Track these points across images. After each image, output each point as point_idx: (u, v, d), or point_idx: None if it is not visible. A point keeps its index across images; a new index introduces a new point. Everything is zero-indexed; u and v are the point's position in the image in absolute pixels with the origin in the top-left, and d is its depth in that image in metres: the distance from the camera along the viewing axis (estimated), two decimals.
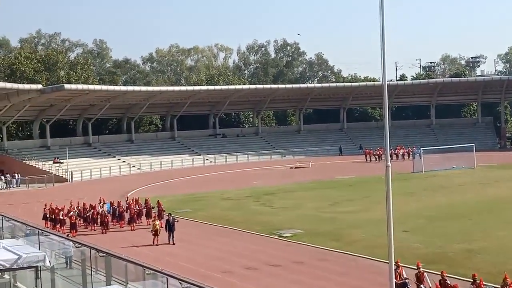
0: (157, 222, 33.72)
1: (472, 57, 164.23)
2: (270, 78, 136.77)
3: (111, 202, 40.94)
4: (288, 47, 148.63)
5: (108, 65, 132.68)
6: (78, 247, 24.52)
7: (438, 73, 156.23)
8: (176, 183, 64.91)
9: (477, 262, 26.12)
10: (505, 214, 37.02)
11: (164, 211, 38.63)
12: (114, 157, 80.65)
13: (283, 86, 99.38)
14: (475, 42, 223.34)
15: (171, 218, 33.68)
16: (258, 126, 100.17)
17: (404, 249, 28.19)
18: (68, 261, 21.47)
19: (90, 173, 72.39)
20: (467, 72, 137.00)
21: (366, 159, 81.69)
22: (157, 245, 32.67)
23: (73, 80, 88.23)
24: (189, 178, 68.99)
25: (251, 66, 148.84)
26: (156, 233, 33.11)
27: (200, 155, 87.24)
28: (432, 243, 29.87)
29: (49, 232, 28.20)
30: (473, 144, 70.70)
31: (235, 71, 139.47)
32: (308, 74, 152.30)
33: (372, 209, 40.32)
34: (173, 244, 32.76)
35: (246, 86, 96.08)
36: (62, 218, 38.17)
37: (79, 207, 40.17)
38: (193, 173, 73.08)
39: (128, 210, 39.19)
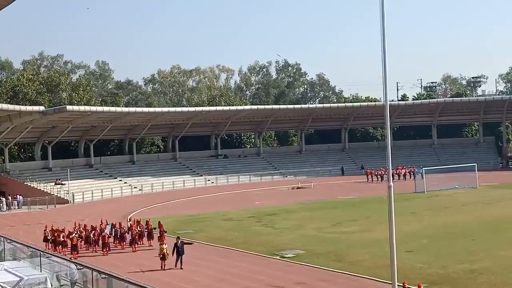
0: (165, 246, 32.25)
1: (473, 77, 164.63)
2: (272, 98, 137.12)
3: (112, 223, 40.82)
4: (290, 68, 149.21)
5: (110, 87, 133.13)
6: (80, 268, 24.48)
7: (439, 93, 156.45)
8: (178, 204, 64.79)
9: (481, 282, 25.99)
10: (508, 234, 36.86)
11: (166, 232, 38.51)
12: (116, 178, 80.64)
13: (284, 106, 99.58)
14: (476, 62, 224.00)
15: (179, 241, 32.45)
16: (259, 147, 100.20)
17: (407, 270, 28.05)
18: (72, 283, 21.37)
19: (91, 194, 72.35)
20: (468, 92, 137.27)
21: (368, 179, 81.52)
22: (164, 269, 31.46)
23: (75, 102, 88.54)
24: (190, 199, 68.90)
25: (253, 87, 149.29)
26: (164, 257, 31.83)
27: (201, 176, 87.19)
28: (435, 263, 29.72)
29: (51, 254, 28.20)
30: (475, 164, 70.63)
31: (237, 91, 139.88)
32: (309, 94, 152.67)
33: (374, 229, 40.20)
34: (181, 268, 31.52)
35: (248, 107, 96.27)
36: (63, 239, 38.05)
37: (81, 229, 40.04)
38: (194, 194, 72.98)
39: (130, 232, 39.07)
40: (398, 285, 21.71)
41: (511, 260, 29.41)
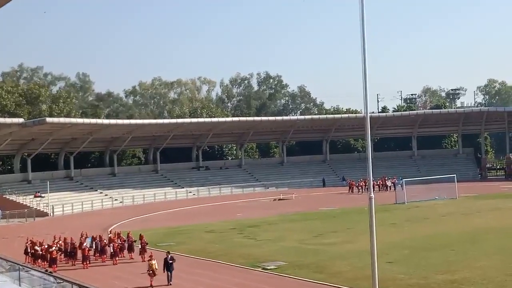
0: (154, 262, 30.99)
1: (452, 89, 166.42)
2: (253, 110, 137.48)
3: (93, 236, 40.53)
4: (271, 80, 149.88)
5: (91, 99, 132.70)
6: (59, 282, 24.29)
7: (419, 105, 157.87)
8: (159, 216, 64.50)
9: None
10: (488, 244, 37.12)
11: (147, 244, 38.38)
12: (96, 190, 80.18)
13: (266, 118, 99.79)
14: (455, 74, 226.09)
15: (169, 256, 31.19)
16: (241, 158, 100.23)
17: (388, 280, 28.17)
18: None
19: (71, 207, 71.86)
20: (448, 104, 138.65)
21: (349, 191, 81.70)
22: (152, 286, 30.46)
23: (55, 114, 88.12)
24: (172, 211, 68.64)
25: (234, 99, 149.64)
26: (153, 273, 30.59)
27: (183, 187, 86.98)
28: (416, 274, 29.85)
29: (30, 268, 27.96)
30: (455, 175, 71.14)
31: (218, 103, 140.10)
32: (291, 106, 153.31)
33: (356, 241, 40.30)
34: (170, 284, 30.61)
35: (229, 119, 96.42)
36: (42, 253, 37.72)
37: (60, 242, 39.70)
38: (176, 206, 72.75)
39: (112, 244, 38.76)
40: None
41: (491, 271, 29.60)
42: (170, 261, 30.96)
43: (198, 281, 31.41)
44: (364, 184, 78.52)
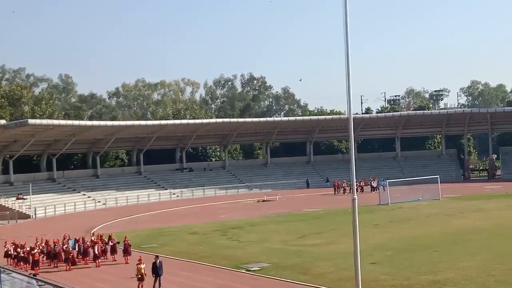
0: (143, 266, 30.22)
1: (435, 91, 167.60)
2: (237, 111, 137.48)
3: (75, 238, 40.27)
4: (255, 81, 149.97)
5: (74, 100, 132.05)
6: (41, 285, 24.04)
7: (403, 106, 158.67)
8: (142, 218, 64.21)
9: None
10: (470, 245, 37.30)
11: (131, 246, 38.19)
12: (79, 192, 79.69)
13: (250, 119, 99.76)
14: (438, 75, 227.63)
15: (158, 260, 30.10)
16: (225, 160, 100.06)
17: (371, 281, 28.20)
18: None
19: (54, 209, 71.29)
20: (431, 105, 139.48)
21: (335, 192, 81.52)
22: None
23: (38, 115, 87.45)
24: (155, 213, 68.39)
25: (218, 100, 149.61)
26: (142, 277, 29.85)
27: (166, 189, 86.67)
28: (399, 275, 29.90)
29: (11, 270, 27.66)
30: (438, 176, 71.45)
31: (202, 105, 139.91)
32: (274, 107, 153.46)
33: (339, 242, 40.31)
34: None
35: (213, 120, 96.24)
36: (24, 255, 37.40)
37: (43, 244, 39.39)
38: (159, 208, 72.48)
39: (96, 246, 38.44)
40: None
41: (473, 271, 29.73)
42: (159, 266, 29.91)
43: (182, 283, 31.26)
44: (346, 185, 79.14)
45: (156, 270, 29.80)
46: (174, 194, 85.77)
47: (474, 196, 70.09)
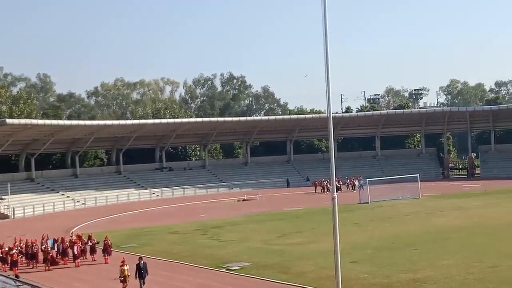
0: (126, 268, 29.57)
1: (415, 90, 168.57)
2: (217, 111, 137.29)
3: (54, 238, 39.93)
4: (235, 80, 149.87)
5: (52, 99, 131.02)
6: (20, 285, 23.81)
7: (383, 105, 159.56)
8: (122, 218, 63.84)
9: None
10: (450, 243, 37.50)
11: (110, 246, 37.94)
12: (58, 192, 79.04)
13: (229, 119, 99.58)
14: (417, 74, 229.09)
15: (141, 262, 29.58)
16: (205, 159, 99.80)
17: (351, 280, 28.25)
18: None
19: (33, 209, 70.69)
20: (411, 104, 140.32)
21: (315, 191, 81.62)
22: None
23: (16, 115, 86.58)
24: (135, 213, 68.01)
25: (198, 99, 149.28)
26: (125, 279, 29.39)
27: (146, 189, 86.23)
28: (379, 273, 29.97)
29: None
30: (418, 175, 71.86)
31: (182, 104, 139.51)
32: (254, 107, 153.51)
33: (320, 241, 40.33)
34: None
35: (193, 119, 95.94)
36: (3, 256, 37.02)
37: (21, 244, 39.00)
38: (139, 208, 72.11)
39: (75, 246, 38.10)
40: None
41: (453, 269, 29.88)
42: (143, 267, 29.44)
43: (162, 282, 31.07)
44: (326, 184, 79.31)
45: (140, 272, 29.34)
46: (154, 193, 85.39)
47: (453, 194, 70.56)
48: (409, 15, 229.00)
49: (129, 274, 29.59)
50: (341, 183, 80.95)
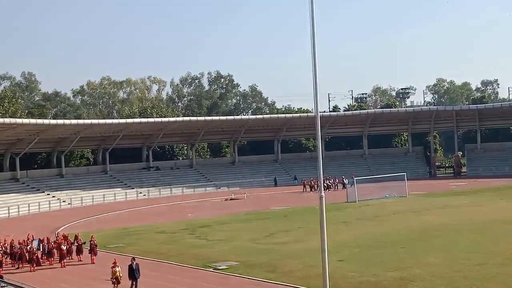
0: (118, 269, 29.08)
1: (402, 89, 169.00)
2: (204, 110, 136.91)
3: (40, 238, 39.64)
4: (222, 79, 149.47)
5: (37, 98, 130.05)
6: (4, 286, 23.54)
7: (370, 104, 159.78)
8: (109, 218, 63.50)
9: None
10: (437, 241, 37.57)
11: (97, 246, 37.71)
12: (44, 192, 78.45)
13: (217, 118, 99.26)
14: (404, 73, 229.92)
15: (134, 263, 29.13)
16: (192, 158, 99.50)
17: (339, 278, 28.22)
18: None
19: (18, 209, 70.09)
20: (398, 103, 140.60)
21: (304, 190, 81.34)
22: None
23: (0, 114, 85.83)
24: (122, 212, 67.68)
25: (185, 98, 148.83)
26: (117, 280, 28.91)
27: (133, 188, 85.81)
28: (367, 271, 29.96)
29: None
30: (405, 173, 72.07)
31: (169, 103, 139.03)
32: (242, 106, 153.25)
33: (307, 239, 40.30)
34: None
35: (180, 118, 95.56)
36: None
37: (6, 245, 38.66)
38: (126, 207, 71.76)
39: (61, 246, 37.78)
40: None
41: (440, 267, 29.93)
42: (136, 268, 29.03)
43: (150, 282, 30.82)
44: (314, 183, 79.21)
45: (133, 273, 28.91)
46: (141, 193, 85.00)
47: (440, 193, 70.81)
48: (396, 14, 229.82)
49: (121, 275, 29.18)
50: (331, 181, 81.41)
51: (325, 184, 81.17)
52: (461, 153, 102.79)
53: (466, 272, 28.67)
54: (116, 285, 29.13)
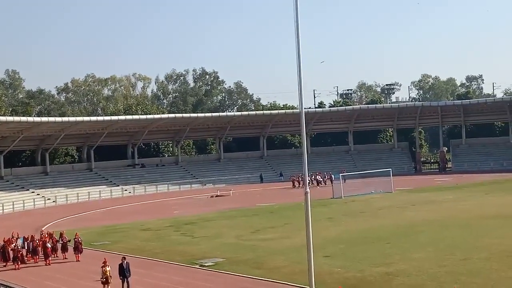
0: (108, 269, 28.58)
1: (387, 84, 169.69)
2: (190, 107, 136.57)
3: (24, 236, 39.37)
4: (207, 76, 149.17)
5: (21, 96, 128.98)
6: None
7: (355, 100, 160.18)
8: (94, 215, 63.19)
9: (396, 284, 26.38)
10: (422, 237, 37.70)
11: (81, 244, 37.48)
12: (28, 190, 77.95)
13: (202, 115, 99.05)
14: (390, 69, 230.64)
15: (125, 262, 28.82)
16: (178, 155, 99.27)
17: (325, 274, 28.22)
18: None
19: (2, 207, 69.70)
20: (383, 99, 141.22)
21: (294, 185, 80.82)
22: None
23: None
24: (107, 210, 67.38)
25: (170, 95, 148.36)
26: (106, 280, 28.38)
27: (118, 186, 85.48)
28: (353, 267, 30.01)
29: None
30: (390, 169, 72.23)
31: (154, 100, 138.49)
32: (227, 102, 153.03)
33: (293, 236, 40.32)
34: None
35: (165, 115, 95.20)
36: None
37: None
38: (111, 205, 71.47)
39: (46, 244, 37.52)
40: None
41: (425, 262, 30.02)
42: (126, 267, 28.69)
43: (135, 280, 30.61)
44: (299, 179, 78.96)
45: (123, 272, 28.63)
46: (126, 190, 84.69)
47: (425, 188, 71.05)
48: (379, 10, 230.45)
49: (111, 275, 28.80)
50: (321, 177, 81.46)
51: (316, 180, 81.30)
52: (446, 148, 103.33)
53: (451, 267, 28.78)
54: (106, 285, 28.68)
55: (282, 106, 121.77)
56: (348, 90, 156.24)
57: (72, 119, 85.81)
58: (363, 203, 58.94)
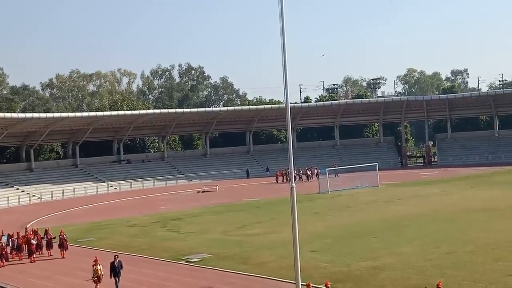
0: (100, 267, 28.49)
1: (373, 79, 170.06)
2: (175, 102, 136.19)
3: (9, 234, 39.07)
4: (193, 71, 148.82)
5: (5, 92, 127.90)
6: None
7: (341, 94, 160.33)
8: (79, 212, 62.85)
9: (382, 278, 26.45)
10: (408, 231, 37.83)
11: (66, 240, 37.25)
12: (13, 187, 77.38)
13: (188, 110, 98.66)
14: (375, 64, 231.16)
15: (116, 260, 28.62)
16: (163, 151, 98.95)
17: (311, 269, 28.24)
18: None
19: None
20: (369, 94, 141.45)
21: (277, 181, 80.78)
22: None
23: None
24: (93, 206, 67.04)
25: (156, 91, 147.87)
26: (98, 279, 28.35)
27: (104, 182, 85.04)
28: (339, 261, 30.05)
29: None
30: (376, 163, 72.37)
31: (139, 96, 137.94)
32: (213, 97, 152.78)
33: (279, 231, 40.33)
34: None
35: (151, 111, 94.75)
36: None
37: None
38: (97, 201, 71.10)
39: (32, 241, 37.21)
40: (302, 284, 21.80)
41: (411, 256, 30.13)
42: (118, 266, 28.50)
43: (123, 276, 30.46)
44: (284, 174, 78.76)
45: (115, 270, 28.46)
46: (112, 186, 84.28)
47: (411, 182, 71.30)
48: (363, 4, 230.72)
49: (102, 274, 28.65)
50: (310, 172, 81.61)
51: (305, 174, 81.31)
52: (432, 142, 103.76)
53: (437, 260, 28.91)
54: (97, 283, 28.56)
55: (268, 101, 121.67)
56: (334, 85, 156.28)
57: (57, 115, 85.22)
58: (350, 198, 59.06)
